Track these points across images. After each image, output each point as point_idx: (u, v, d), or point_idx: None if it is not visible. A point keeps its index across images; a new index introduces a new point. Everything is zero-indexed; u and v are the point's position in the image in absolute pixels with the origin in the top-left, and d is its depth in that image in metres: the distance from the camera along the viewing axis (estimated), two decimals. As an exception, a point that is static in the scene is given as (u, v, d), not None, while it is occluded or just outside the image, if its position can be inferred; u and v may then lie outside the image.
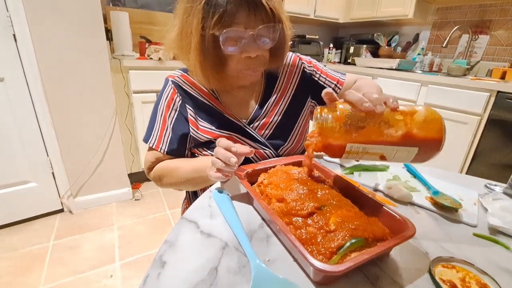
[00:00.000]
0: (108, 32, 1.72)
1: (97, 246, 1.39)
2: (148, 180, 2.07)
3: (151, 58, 1.70)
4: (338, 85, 0.75)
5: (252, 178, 0.53)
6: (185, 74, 0.69)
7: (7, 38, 1.26)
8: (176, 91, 0.66)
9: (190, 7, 0.53)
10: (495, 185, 0.61)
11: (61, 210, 1.64)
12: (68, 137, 1.51)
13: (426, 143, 0.39)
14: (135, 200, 1.82)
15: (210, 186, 0.58)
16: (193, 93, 0.67)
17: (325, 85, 0.75)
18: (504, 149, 1.58)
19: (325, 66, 0.78)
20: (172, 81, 0.67)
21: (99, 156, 1.63)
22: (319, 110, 0.42)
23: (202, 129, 0.65)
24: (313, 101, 0.76)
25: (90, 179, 1.66)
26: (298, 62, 0.75)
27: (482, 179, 0.65)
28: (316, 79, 0.75)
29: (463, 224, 0.48)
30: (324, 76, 0.75)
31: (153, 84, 1.72)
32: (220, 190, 0.52)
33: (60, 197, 1.60)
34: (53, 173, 1.54)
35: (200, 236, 0.41)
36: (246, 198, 0.51)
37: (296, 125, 0.73)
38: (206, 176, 0.54)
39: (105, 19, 1.63)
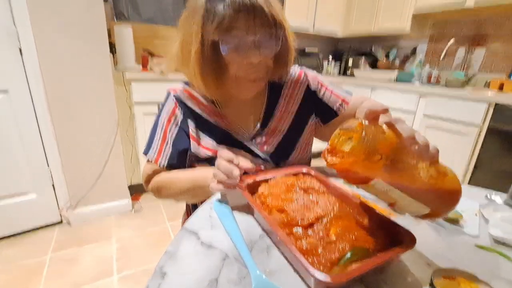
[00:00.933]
0: (112, 46, 1.76)
1: (95, 259, 1.37)
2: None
3: (153, 71, 1.73)
4: (343, 104, 0.71)
5: (252, 189, 0.53)
6: (187, 87, 0.68)
7: (13, 51, 1.29)
8: (178, 105, 0.65)
9: (191, 16, 0.53)
10: (496, 195, 0.61)
11: (60, 222, 1.63)
12: (70, 148, 1.52)
13: (439, 208, 0.37)
14: (135, 212, 1.80)
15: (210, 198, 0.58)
16: (195, 109, 0.66)
17: (329, 103, 0.72)
18: (505, 160, 1.58)
19: (331, 82, 0.75)
20: (174, 95, 0.66)
21: (100, 167, 1.64)
22: (364, 124, 0.34)
23: (205, 145, 0.65)
24: (317, 118, 0.74)
25: (90, 191, 1.65)
26: (303, 77, 0.72)
27: (482, 189, 0.65)
28: (321, 96, 0.72)
29: (465, 235, 0.48)
30: (329, 93, 0.72)
31: (155, 96, 1.74)
32: (220, 201, 0.52)
33: (59, 208, 1.59)
34: (53, 184, 1.54)
35: (201, 247, 0.41)
36: (247, 209, 0.51)
37: (299, 142, 0.71)
38: (206, 187, 0.53)
39: (110, 33, 1.67)
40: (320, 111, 0.73)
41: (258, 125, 0.68)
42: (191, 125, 0.65)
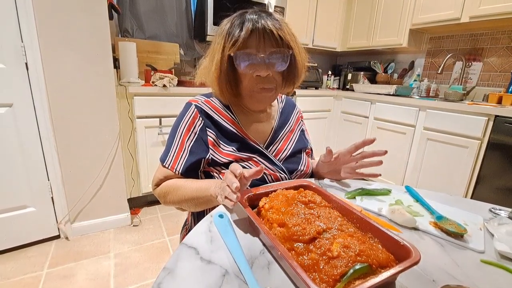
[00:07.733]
0: (116, 61, 1.80)
1: (92, 275, 1.34)
2: (147, 205, 2.05)
3: (155, 85, 1.75)
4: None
5: (253, 202, 0.53)
6: (208, 99, 0.73)
7: (19, 66, 1.31)
8: (199, 115, 0.70)
9: (217, 36, 0.66)
10: (500, 210, 0.60)
11: (58, 236, 1.60)
12: (70, 161, 1.52)
13: None
14: (133, 226, 1.78)
15: (212, 209, 0.57)
16: (216, 118, 0.71)
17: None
18: (508, 173, 1.57)
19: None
20: (195, 105, 0.71)
21: (100, 180, 1.63)
22: None
23: (225, 152, 0.69)
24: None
25: (89, 204, 1.64)
26: (301, 121, 0.88)
27: (486, 203, 0.64)
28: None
29: (470, 250, 0.46)
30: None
31: (157, 110, 1.76)
32: (221, 215, 0.51)
33: (57, 222, 1.57)
34: (52, 198, 1.52)
35: (200, 263, 0.40)
36: (247, 223, 0.51)
37: (303, 152, 0.80)
38: (209, 196, 0.57)
39: (114, 48, 1.71)
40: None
41: (271, 135, 0.76)
42: (211, 133, 0.69)
